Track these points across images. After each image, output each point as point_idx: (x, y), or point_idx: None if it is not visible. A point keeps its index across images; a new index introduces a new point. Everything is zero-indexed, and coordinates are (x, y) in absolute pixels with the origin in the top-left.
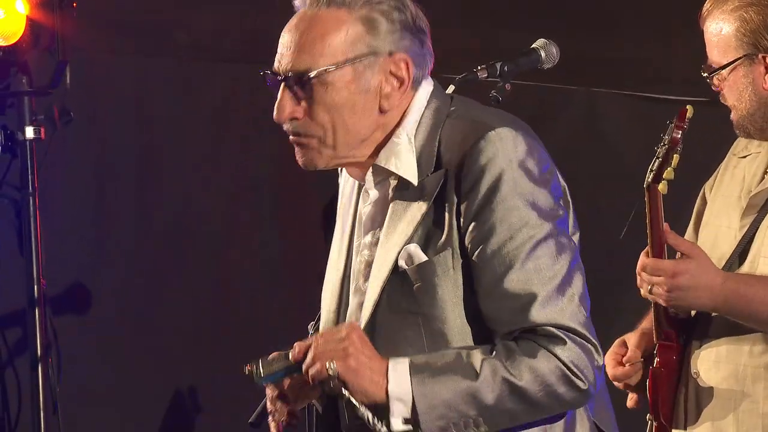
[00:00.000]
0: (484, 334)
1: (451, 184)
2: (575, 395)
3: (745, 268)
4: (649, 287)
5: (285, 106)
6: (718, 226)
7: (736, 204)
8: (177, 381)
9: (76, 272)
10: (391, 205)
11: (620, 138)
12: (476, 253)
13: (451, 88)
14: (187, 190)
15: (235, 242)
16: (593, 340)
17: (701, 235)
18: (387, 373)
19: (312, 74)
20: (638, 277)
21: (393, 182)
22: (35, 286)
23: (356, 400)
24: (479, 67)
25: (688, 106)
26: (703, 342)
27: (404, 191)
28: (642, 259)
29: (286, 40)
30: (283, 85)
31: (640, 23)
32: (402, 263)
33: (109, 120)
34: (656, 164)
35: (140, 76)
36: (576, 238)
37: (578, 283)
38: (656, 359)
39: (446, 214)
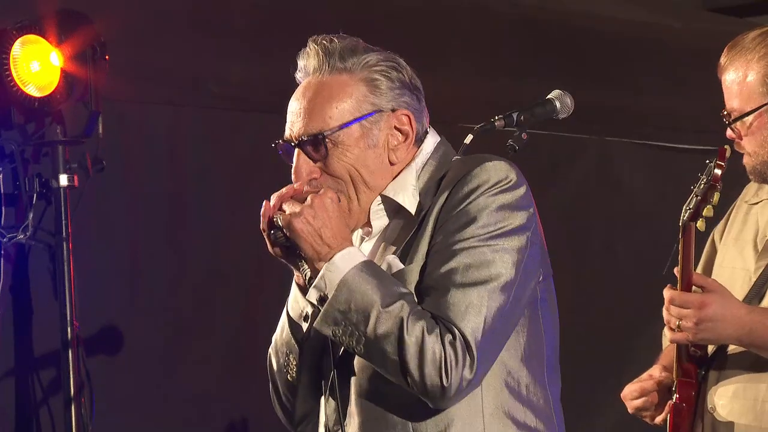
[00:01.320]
0: None
1: (439, 205)
2: (435, 384)
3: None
4: (677, 322)
5: (302, 168)
6: (732, 268)
7: (751, 248)
8: (207, 421)
9: (109, 315)
10: (388, 233)
11: (632, 184)
12: (432, 247)
13: (469, 138)
14: (217, 234)
15: (264, 285)
16: (474, 354)
17: (715, 277)
18: (337, 254)
19: (324, 134)
20: (665, 312)
21: (393, 215)
22: (69, 329)
23: (300, 251)
24: (496, 117)
25: (726, 146)
26: (721, 377)
27: (401, 221)
28: (669, 292)
29: (295, 108)
30: (297, 150)
31: (650, 75)
32: None
33: (141, 167)
34: (693, 202)
35: (171, 125)
36: (542, 281)
37: (495, 304)
38: (676, 395)
39: (428, 230)
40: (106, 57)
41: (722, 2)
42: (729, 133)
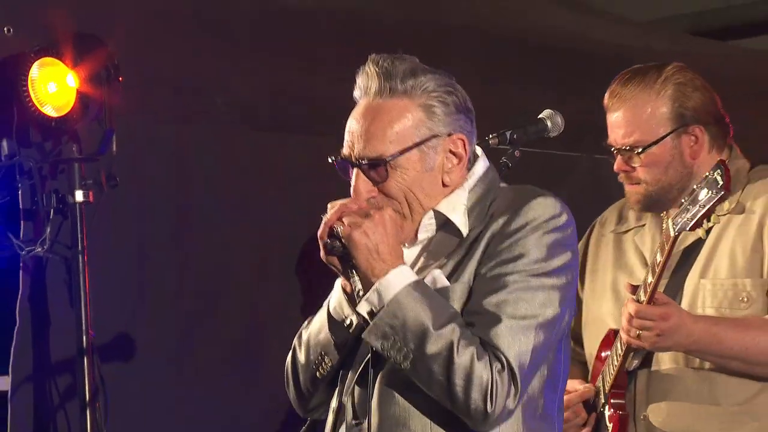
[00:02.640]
0: None
1: (492, 232)
2: (479, 409)
3: None
4: (638, 332)
5: (361, 189)
6: (625, 294)
7: (640, 271)
8: (218, 425)
9: (122, 323)
10: (432, 245)
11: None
12: (481, 273)
13: None
14: (226, 245)
15: (269, 295)
16: (518, 385)
17: (600, 303)
18: (391, 270)
19: (386, 160)
20: (626, 323)
21: (439, 228)
22: (84, 337)
23: (354, 262)
24: (490, 136)
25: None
26: (650, 385)
27: (447, 236)
28: (633, 305)
29: (355, 129)
30: (357, 170)
31: None
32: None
33: (152, 183)
34: (691, 213)
35: (181, 141)
36: (571, 316)
37: (541, 338)
38: (610, 409)
39: (477, 254)
40: (120, 78)
41: (705, 26)
42: (620, 165)
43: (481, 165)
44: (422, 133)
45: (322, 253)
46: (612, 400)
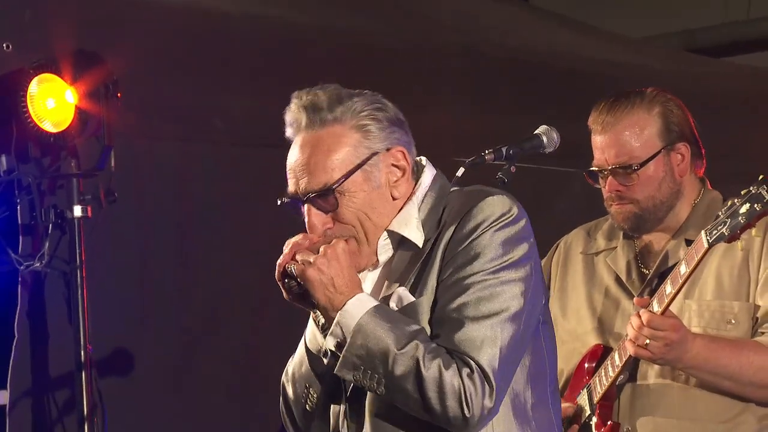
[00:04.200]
0: None
1: (446, 240)
2: (458, 416)
3: None
4: (646, 342)
5: (316, 222)
6: (603, 312)
7: (616, 291)
8: None
9: (120, 338)
10: (392, 264)
11: None
12: (441, 282)
13: (460, 171)
14: (223, 262)
15: (270, 309)
16: (492, 384)
17: (576, 320)
18: (348, 301)
19: (332, 187)
20: (634, 332)
21: (397, 247)
22: (82, 351)
23: (313, 299)
24: (487, 151)
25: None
26: (635, 400)
27: (406, 252)
28: (646, 314)
29: (296, 165)
30: (308, 205)
31: None
32: (393, 305)
33: (150, 199)
34: (730, 225)
35: (178, 158)
36: (543, 305)
37: (508, 333)
38: (599, 419)
39: (436, 264)
40: (118, 95)
41: (699, 44)
42: (614, 184)
43: (428, 175)
44: (361, 154)
45: (284, 294)
46: (600, 411)
